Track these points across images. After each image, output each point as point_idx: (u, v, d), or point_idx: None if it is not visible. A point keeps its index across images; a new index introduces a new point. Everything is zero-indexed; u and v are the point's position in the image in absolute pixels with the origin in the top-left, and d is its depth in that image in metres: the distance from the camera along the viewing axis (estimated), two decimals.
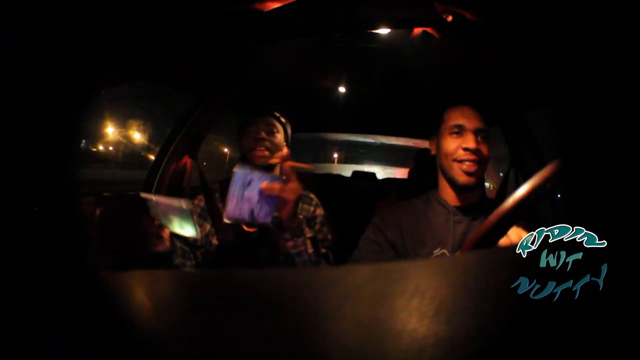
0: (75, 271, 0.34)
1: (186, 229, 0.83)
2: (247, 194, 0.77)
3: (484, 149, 0.81)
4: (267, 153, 1.01)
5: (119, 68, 0.86)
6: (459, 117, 0.83)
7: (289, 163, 0.77)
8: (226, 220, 0.80)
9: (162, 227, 0.86)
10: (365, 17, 0.83)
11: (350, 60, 1.27)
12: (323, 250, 0.98)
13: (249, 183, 0.77)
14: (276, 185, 0.76)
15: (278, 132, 1.05)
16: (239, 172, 0.76)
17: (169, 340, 0.28)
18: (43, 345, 0.29)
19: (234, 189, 0.77)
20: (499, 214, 0.48)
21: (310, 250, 0.86)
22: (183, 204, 0.80)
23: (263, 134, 1.02)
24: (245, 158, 1.03)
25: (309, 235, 0.88)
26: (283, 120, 1.07)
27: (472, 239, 0.52)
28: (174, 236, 0.97)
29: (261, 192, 0.76)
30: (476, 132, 0.81)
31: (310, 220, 1.02)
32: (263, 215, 0.78)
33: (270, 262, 0.92)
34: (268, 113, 1.06)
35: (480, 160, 0.81)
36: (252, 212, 0.78)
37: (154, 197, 0.84)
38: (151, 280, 0.34)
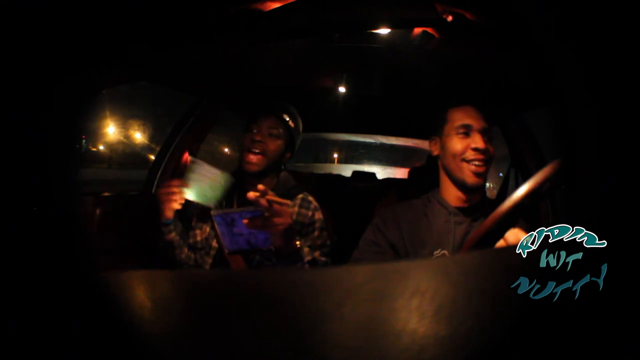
0: (75, 271, 0.34)
1: (211, 196, 0.88)
2: (236, 230, 0.76)
3: (491, 149, 0.82)
4: (260, 158, 0.97)
5: (119, 68, 0.87)
6: (465, 117, 0.82)
7: (268, 197, 0.72)
8: (229, 253, 0.80)
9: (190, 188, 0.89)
10: (365, 17, 0.83)
11: (350, 60, 1.27)
12: (323, 259, 0.97)
13: (232, 222, 0.76)
14: (258, 222, 0.73)
15: (279, 136, 1.00)
16: (216, 216, 0.76)
17: (169, 340, 0.28)
18: (43, 346, 0.29)
19: (222, 230, 0.77)
20: (496, 216, 0.48)
21: None
22: (223, 174, 0.87)
23: (261, 136, 0.98)
24: (240, 160, 1.00)
25: (308, 258, 0.86)
26: (291, 124, 1.03)
27: (470, 240, 0.52)
28: (181, 236, 0.98)
29: (248, 228, 0.75)
30: (482, 132, 0.81)
31: (309, 226, 0.99)
32: (261, 243, 0.78)
33: (271, 264, 0.92)
34: (273, 113, 1.01)
35: (488, 160, 0.81)
36: (249, 242, 0.78)
37: (198, 160, 0.89)
38: (151, 280, 0.34)
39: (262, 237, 0.78)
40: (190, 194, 0.90)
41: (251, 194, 0.72)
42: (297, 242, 0.83)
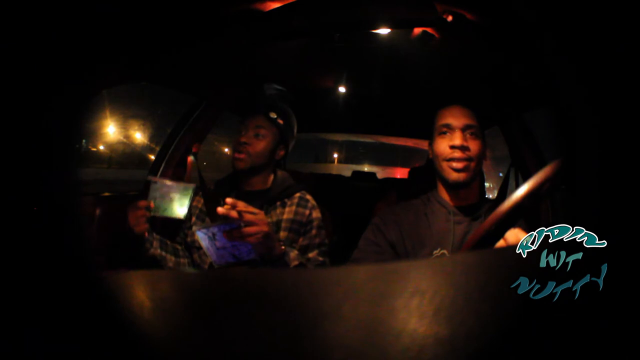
0: (75, 271, 0.34)
1: (180, 209, 0.89)
2: (218, 244, 0.78)
3: (474, 145, 0.81)
4: (244, 157, 0.99)
5: (119, 68, 0.87)
6: (447, 117, 0.83)
7: (238, 208, 0.73)
8: (218, 268, 0.81)
9: (155, 211, 0.88)
10: (365, 17, 0.84)
11: (350, 60, 1.28)
12: (320, 259, 0.97)
13: (214, 236, 0.77)
14: (237, 233, 0.74)
15: (266, 135, 1.01)
16: (198, 232, 0.77)
17: (169, 340, 0.28)
18: (43, 346, 0.29)
19: (206, 245, 0.78)
20: (496, 216, 0.48)
21: None
22: (185, 185, 0.88)
23: (246, 138, 1.00)
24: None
25: (295, 263, 0.86)
26: (280, 121, 1.03)
27: (470, 241, 0.52)
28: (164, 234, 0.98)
29: (229, 241, 0.76)
30: (464, 129, 0.81)
31: (306, 225, 0.99)
32: (245, 254, 0.79)
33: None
34: (261, 113, 1.03)
35: (469, 157, 0.80)
36: (234, 255, 0.79)
37: (158, 179, 0.90)
38: (151, 280, 0.34)
39: (244, 248, 0.79)
40: (158, 212, 0.90)
41: (220, 209, 0.73)
42: (282, 247, 0.83)
